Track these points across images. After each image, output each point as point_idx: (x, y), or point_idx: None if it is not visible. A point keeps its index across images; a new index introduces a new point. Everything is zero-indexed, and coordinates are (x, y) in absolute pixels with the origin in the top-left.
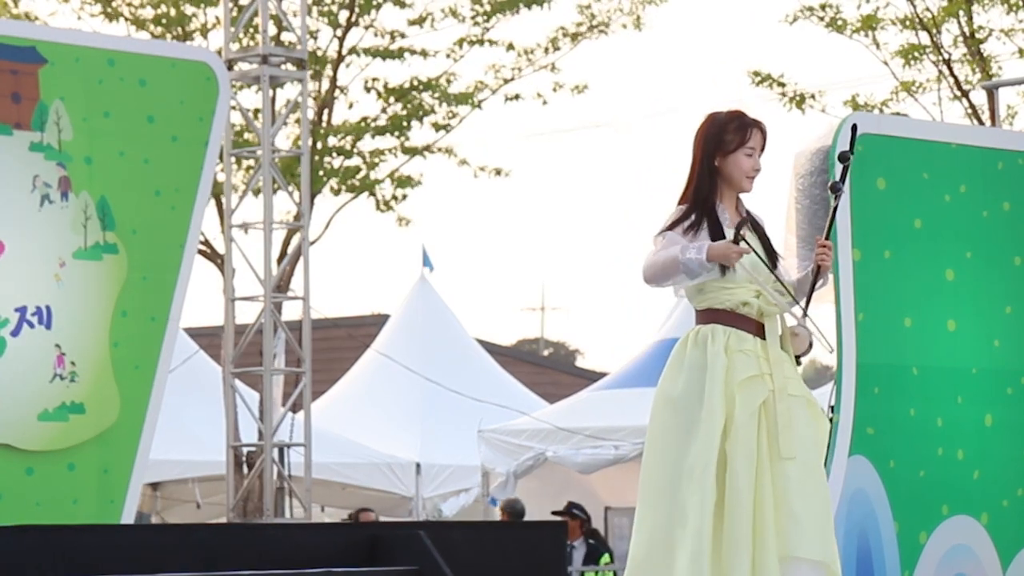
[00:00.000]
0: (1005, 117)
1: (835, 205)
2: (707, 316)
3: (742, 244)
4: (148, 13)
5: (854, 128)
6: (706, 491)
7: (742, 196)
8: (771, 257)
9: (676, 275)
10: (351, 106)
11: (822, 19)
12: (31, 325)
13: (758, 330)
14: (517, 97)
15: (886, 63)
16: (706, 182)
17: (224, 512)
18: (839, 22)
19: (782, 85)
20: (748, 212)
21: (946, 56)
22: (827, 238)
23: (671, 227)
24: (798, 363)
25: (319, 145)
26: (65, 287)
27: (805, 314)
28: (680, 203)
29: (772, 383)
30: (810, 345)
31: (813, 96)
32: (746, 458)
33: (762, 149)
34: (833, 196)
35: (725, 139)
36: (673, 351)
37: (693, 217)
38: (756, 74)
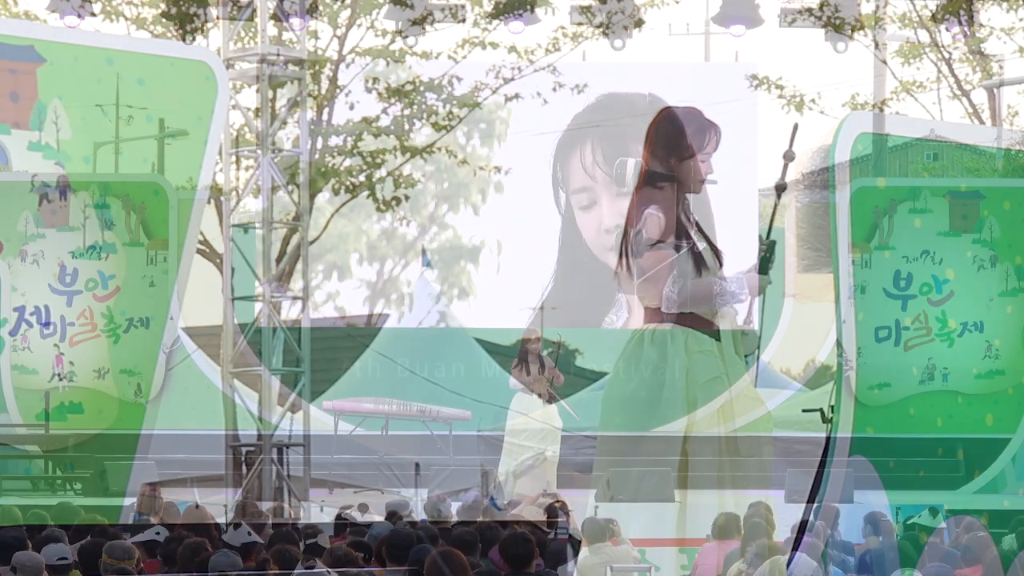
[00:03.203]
0: (1006, 116)
1: (776, 203)
2: (661, 315)
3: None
4: (149, 13)
5: (795, 127)
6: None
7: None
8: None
9: (709, 303)
10: (352, 106)
11: (819, 19)
12: (30, 325)
13: (713, 330)
14: (516, 96)
15: (885, 63)
16: (667, 183)
17: (224, 512)
18: (836, 21)
19: (780, 88)
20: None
21: (946, 55)
22: (768, 237)
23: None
24: (745, 362)
25: (319, 145)
26: (64, 287)
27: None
28: (640, 199)
29: (729, 382)
30: (756, 345)
31: (813, 100)
32: (709, 455)
33: (715, 149)
34: (777, 195)
35: (682, 143)
36: (627, 349)
37: (674, 240)
38: (754, 78)
